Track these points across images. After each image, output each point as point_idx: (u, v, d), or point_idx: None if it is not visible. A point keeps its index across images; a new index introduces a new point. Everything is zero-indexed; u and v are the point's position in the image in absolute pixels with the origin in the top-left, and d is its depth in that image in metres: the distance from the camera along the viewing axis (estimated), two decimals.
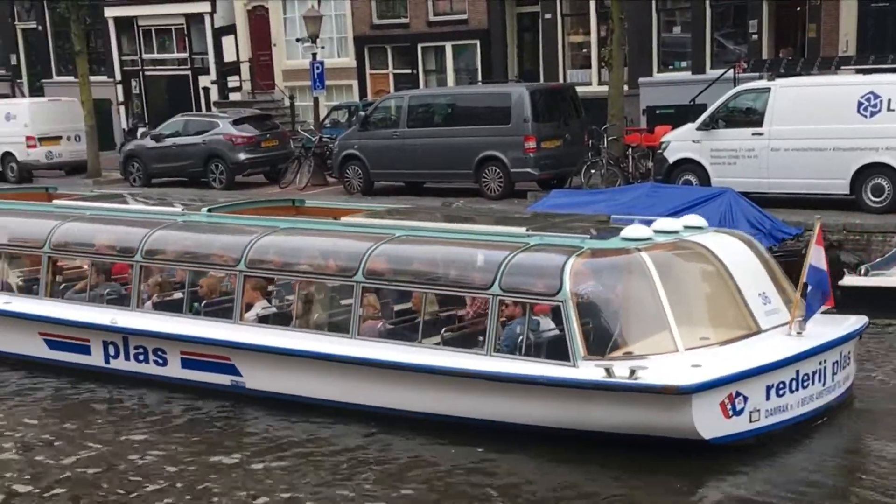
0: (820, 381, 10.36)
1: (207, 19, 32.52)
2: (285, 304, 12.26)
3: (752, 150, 18.31)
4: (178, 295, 12.92)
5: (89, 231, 13.90)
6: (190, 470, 9.96)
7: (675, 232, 10.98)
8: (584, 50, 27.30)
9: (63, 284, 13.88)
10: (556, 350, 10.00)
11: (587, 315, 10.12)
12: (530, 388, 9.96)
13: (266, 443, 10.60)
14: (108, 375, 12.71)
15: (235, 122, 26.08)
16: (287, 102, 29.31)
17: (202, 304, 12.48)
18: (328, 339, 11.30)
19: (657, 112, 23.39)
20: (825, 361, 10.40)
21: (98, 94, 31.39)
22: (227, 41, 32.39)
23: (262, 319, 11.99)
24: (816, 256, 10.48)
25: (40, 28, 35.99)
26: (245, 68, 31.92)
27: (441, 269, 11.39)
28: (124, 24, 34.03)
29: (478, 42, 28.22)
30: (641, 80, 25.38)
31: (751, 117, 18.62)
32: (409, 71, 29.17)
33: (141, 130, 30.13)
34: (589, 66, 26.99)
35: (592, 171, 20.81)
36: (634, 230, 10.71)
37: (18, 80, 36.47)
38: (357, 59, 30.05)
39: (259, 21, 32.05)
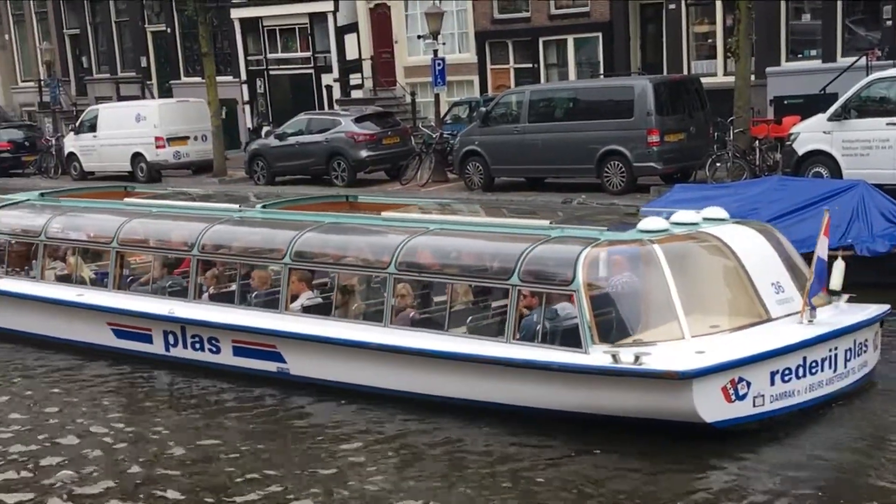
0: (830, 367, 10.62)
1: (330, 18, 32.73)
2: (327, 294, 12.77)
3: (887, 141, 17.63)
4: (232, 287, 13.50)
5: (152, 227, 14.65)
6: (243, 451, 10.51)
7: (694, 224, 11.37)
8: (710, 40, 26.65)
9: (130, 277, 14.59)
10: (570, 337, 10.45)
11: (599, 304, 10.56)
12: (544, 373, 10.43)
13: (308, 427, 11.14)
14: (168, 363, 13.39)
15: (357, 120, 26.19)
16: (408, 99, 29.34)
17: (253, 296, 13.10)
18: (363, 327, 11.90)
19: (785, 102, 22.62)
20: (836, 348, 10.65)
21: (224, 94, 31.92)
22: (350, 39, 32.56)
23: (307, 310, 12.58)
24: (822, 247, 10.70)
25: (169, 30, 36.75)
26: (367, 66, 32.06)
27: (467, 261, 11.95)
28: (250, 25, 34.50)
29: (600, 35, 27.80)
30: (769, 69, 24.64)
31: (885, 107, 17.97)
32: (530, 65, 28.90)
33: (265, 129, 30.53)
34: (714, 57, 26.34)
35: (718, 164, 20.32)
36: (651, 222, 11.12)
37: (148, 82, 37.29)
38: (478, 54, 29.90)
39: (381, 19, 32.16)
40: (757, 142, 20.82)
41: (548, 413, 10.57)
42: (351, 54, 32.51)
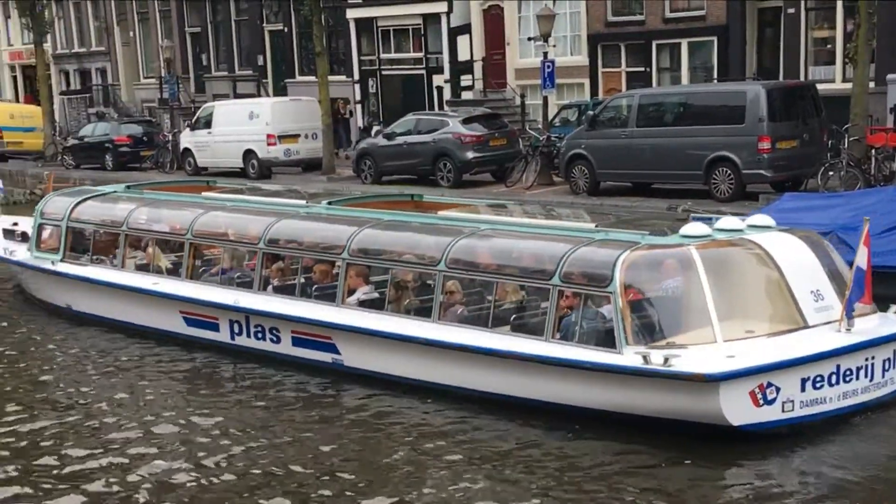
0: (866, 376, 10.69)
1: (444, 19, 32.72)
2: (383, 289, 13.14)
3: None
4: (295, 279, 13.93)
5: (224, 221, 15.31)
6: (299, 436, 11.09)
7: (737, 230, 11.61)
8: (829, 45, 25.85)
9: (202, 268, 15.22)
10: (606, 338, 10.77)
11: (636, 306, 10.83)
12: (578, 372, 10.73)
13: (357, 417, 11.71)
14: (233, 351, 14.03)
15: (465, 121, 26.10)
16: (518, 101, 29.15)
17: (313, 289, 13.56)
18: (413, 322, 12.34)
19: None
20: (873, 357, 10.73)
21: (337, 94, 32.18)
22: (462, 40, 32.51)
23: (363, 304, 13.05)
24: (861, 257, 10.75)
25: (286, 30, 37.19)
26: (478, 67, 31.94)
27: (512, 261, 12.30)
28: (364, 25, 34.72)
29: (715, 39, 27.20)
30: (890, 76, 23.77)
31: None
32: (642, 69, 28.44)
33: (375, 129, 30.65)
34: (833, 63, 25.51)
35: (830, 173, 19.68)
36: (693, 228, 11.38)
37: (264, 80, 37.79)
38: (590, 57, 29.54)
39: (494, 20, 32.03)
40: (873, 151, 20.09)
41: (583, 411, 10.88)
42: (463, 55, 32.45)
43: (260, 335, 13.75)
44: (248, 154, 30.47)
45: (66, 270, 16.38)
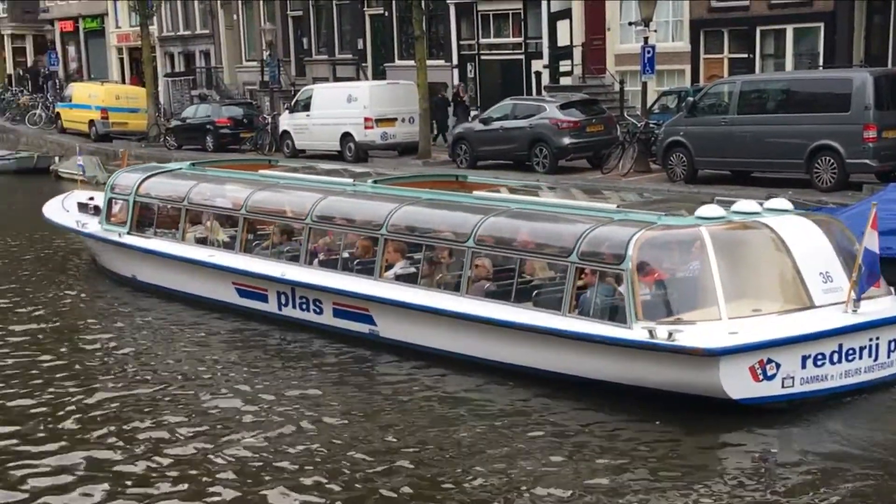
0: (870, 356, 11.03)
1: (544, 4, 32.41)
2: (417, 264, 13.70)
3: None
4: (339, 253, 14.61)
5: (275, 197, 16.03)
6: (332, 407, 11.62)
7: (752, 213, 12.00)
8: None
9: (255, 242, 15.91)
10: (618, 314, 11.24)
11: (647, 284, 11.34)
12: (590, 345, 11.29)
13: (392, 384, 12.35)
14: (280, 321, 14.75)
15: (562, 107, 25.82)
16: (617, 87, 28.75)
17: (355, 263, 14.22)
18: (442, 296, 12.93)
19: None
20: (877, 338, 11.07)
21: (435, 78, 32.11)
22: (562, 25, 32.18)
23: (399, 277, 13.61)
24: (870, 240, 10.94)
25: (387, 14, 37.23)
26: (577, 52, 31.59)
27: (535, 239, 12.78)
28: (464, 10, 34.58)
29: (822, 25, 26.43)
30: None
31: None
32: (745, 55, 27.77)
33: (472, 113, 30.51)
34: None
35: None
36: (708, 209, 11.85)
37: (364, 64, 37.90)
38: (691, 43, 28.97)
39: (594, 5, 31.59)
40: None
41: (596, 384, 11.42)
42: (562, 41, 32.12)
43: (304, 306, 14.44)
44: (346, 137, 30.62)
45: (131, 242, 17.31)
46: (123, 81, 48.18)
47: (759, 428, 10.46)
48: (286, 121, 32.68)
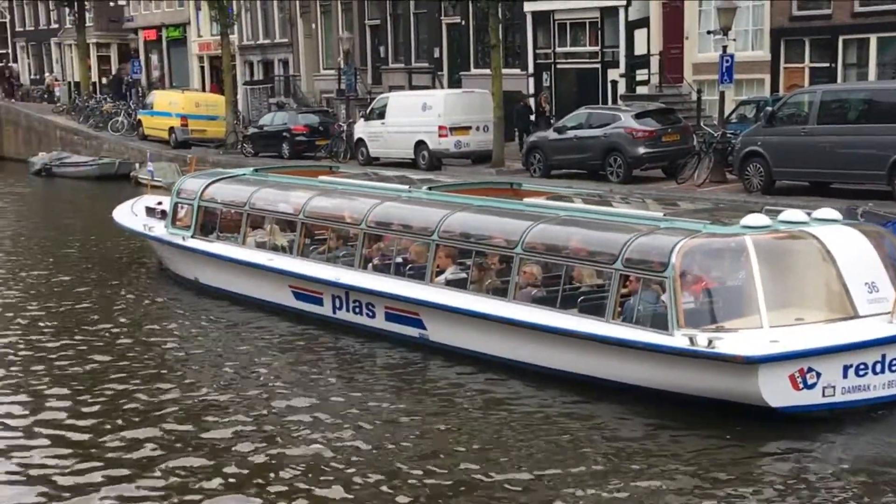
0: None
1: (621, 12, 32.10)
2: (467, 269, 13.88)
3: None
4: (393, 259, 14.80)
5: (332, 203, 16.33)
6: (382, 407, 11.90)
7: (799, 223, 12.03)
8: None
9: (312, 246, 16.20)
10: (660, 321, 11.36)
11: (689, 291, 11.45)
12: (632, 351, 11.41)
13: (441, 388, 12.59)
14: (334, 324, 15.06)
15: (637, 116, 25.56)
16: (694, 97, 28.33)
17: (407, 268, 14.42)
18: (490, 301, 13.09)
19: None
20: None
21: (510, 87, 31.95)
22: (640, 34, 31.81)
23: (451, 283, 13.79)
24: None
25: (463, 23, 37.16)
26: (654, 61, 31.20)
27: (581, 246, 12.87)
28: (541, 19, 34.37)
29: None
30: None
31: None
32: (826, 65, 27.18)
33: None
34: None
35: None
36: (754, 218, 11.88)
37: (439, 73, 37.87)
38: (771, 52, 28.45)
39: (673, 13, 31.21)
40: None
41: (638, 390, 11.55)
42: (639, 49, 31.74)
43: (358, 310, 14.69)
44: (420, 145, 30.59)
45: (194, 246, 17.71)
46: (204, 89, 48.76)
47: (800, 437, 10.48)
48: (361, 129, 32.76)
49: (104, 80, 56.33)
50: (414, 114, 30.96)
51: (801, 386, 10.57)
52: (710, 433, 10.68)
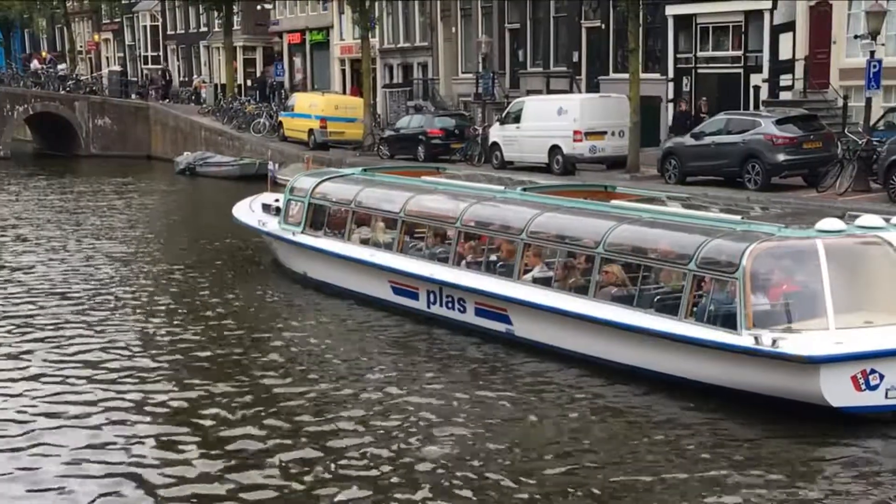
0: None
1: (767, 16, 31.21)
2: (552, 268, 14.45)
3: None
4: (485, 256, 15.37)
5: (430, 202, 16.87)
6: (459, 397, 12.47)
7: (874, 227, 12.25)
8: None
9: (411, 243, 16.85)
10: (730, 320, 11.70)
11: (759, 292, 11.76)
12: (701, 349, 11.79)
13: (526, 380, 13.16)
14: (428, 318, 15.73)
15: (778, 122, 24.76)
16: (839, 103, 27.32)
17: (498, 265, 15.06)
18: (572, 298, 13.62)
19: None
20: None
21: (649, 91, 31.39)
22: (785, 38, 30.84)
23: (538, 280, 14.34)
24: None
25: (603, 27, 36.70)
26: (799, 66, 30.21)
27: (659, 247, 13.28)
28: (683, 22, 33.65)
29: None
30: None
31: None
32: None
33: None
34: None
35: None
36: (828, 223, 12.10)
37: (577, 77, 37.45)
38: None
39: (820, 17, 30.18)
40: None
41: (707, 387, 11.93)
42: (784, 54, 30.79)
43: (450, 305, 15.33)
44: (554, 150, 30.26)
45: (303, 241, 18.60)
46: (344, 92, 49.29)
47: (864, 437, 10.77)
48: (496, 132, 32.59)
49: (249, 83, 57.46)
50: (549, 118, 30.62)
51: (863, 387, 10.82)
52: (771, 430, 11.10)
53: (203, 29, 62.47)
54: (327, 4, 52.51)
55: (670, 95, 33.57)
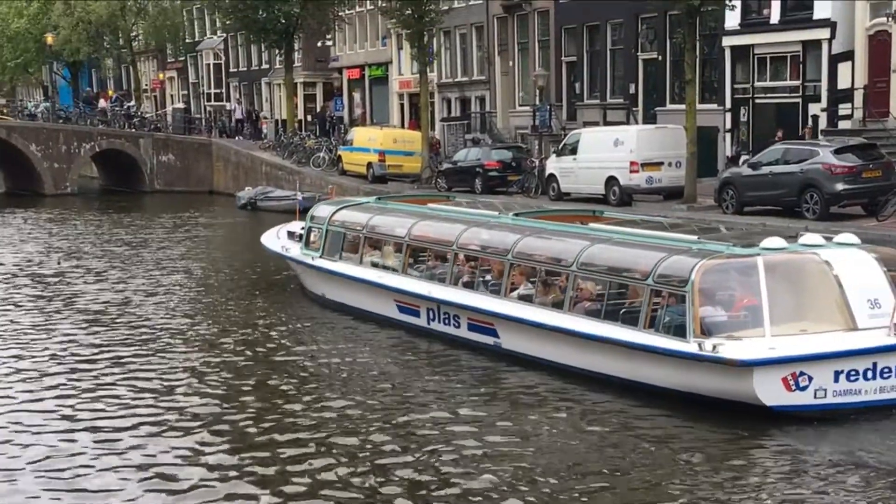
0: None
1: (825, 46, 31.01)
2: (534, 285, 15.71)
3: None
4: (479, 276, 16.71)
5: (432, 227, 18.28)
6: (451, 401, 13.84)
7: (815, 245, 13.64)
8: None
9: (416, 265, 18.14)
10: (681, 330, 12.96)
11: (706, 304, 13.06)
12: (654, 356, 13.13)
13: (513, 390, 14.41)
14: (428, 334, 17.11)
15: (837, 151, 24.56)
16: None
17: (489, 284, 16.44)
18: (549, 313, 14.95)
19: None
20: None
21: (706, 122, 31.31)
22: (843, 68, 30.61)
23: (523, 297, 15.69)
24: None
25: (660, 58, 36.69)
26: (858, 95, 29.97)
27: (622, 264, 14.66)
28: (740, 53, 33.52)
29: None
30: None
31: None
32: None
33: (743, 158, 29.49)
34: None
35: None
36: (771, 241, 13.49)
37: (634, 109, 37.44)
38: None
39: (880, 46, 29.93)
40: None
41: (661, 390, 13.15)
42: (843, 83, 30.55)
43: (447, 321, 16.68)
44: (610, 181, 30.28)
45: (321, 265, 19.97)
46: (403, 126, 49.67)
47: (794, 433, 11.90)
48: (553, 164, 32.68)
49: (309, 118, 58.09)
50: (606, 149, 30.67)
51: (793, 388, 12.03)
52: (709, 429, 12.26)
53: (265, 66, 63.38)
54: (386, 40, 53.04)
55: (727, 126, 33.43)
